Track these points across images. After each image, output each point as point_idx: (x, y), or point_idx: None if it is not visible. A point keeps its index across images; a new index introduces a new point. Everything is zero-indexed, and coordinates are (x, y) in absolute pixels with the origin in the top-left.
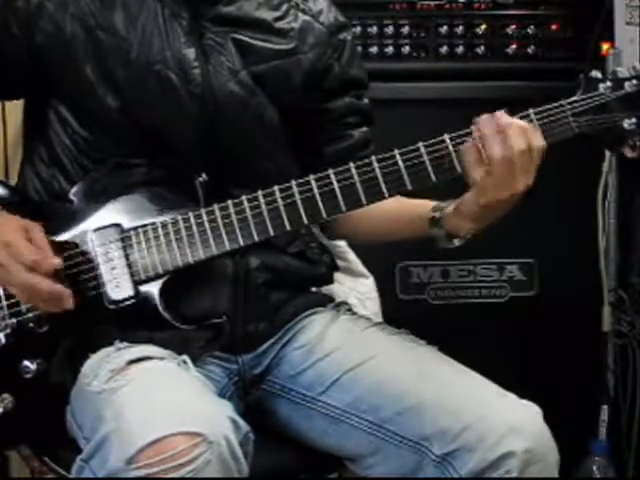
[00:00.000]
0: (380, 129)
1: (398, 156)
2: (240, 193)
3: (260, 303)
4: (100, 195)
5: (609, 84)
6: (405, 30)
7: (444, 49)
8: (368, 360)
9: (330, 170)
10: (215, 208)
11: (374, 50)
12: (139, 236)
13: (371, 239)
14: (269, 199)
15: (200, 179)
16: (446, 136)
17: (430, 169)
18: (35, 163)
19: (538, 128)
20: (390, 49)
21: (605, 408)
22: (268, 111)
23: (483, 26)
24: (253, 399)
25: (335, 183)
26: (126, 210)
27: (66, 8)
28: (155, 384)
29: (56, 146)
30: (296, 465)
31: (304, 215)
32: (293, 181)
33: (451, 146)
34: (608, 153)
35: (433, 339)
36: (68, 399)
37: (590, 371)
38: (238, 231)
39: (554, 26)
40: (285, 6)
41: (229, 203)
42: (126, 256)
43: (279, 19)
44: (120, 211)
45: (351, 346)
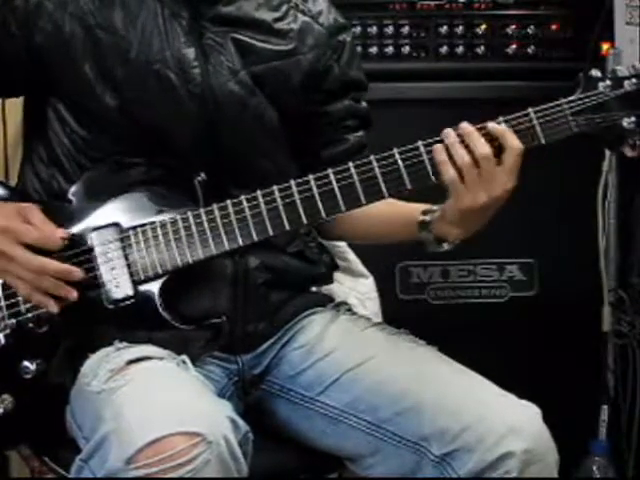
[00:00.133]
0: (380, 129)
1: (397, 155)
2: (239, 193)
3: (259, 303)
4: (99, 195)
5: (608, 83)
6: (405, 30)
7: (444, 49)
8: (367, 360)
9: (329, 170)
10: (214, 208)
11: (374, 50)
12: (138, 236)
13: (365, 241)
14: (268, 199)
15: (199, 179)
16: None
17: (429, 168)
18: (34, 163)
19: (537, 128)
20: (390, 49)
21: (605, 408)
22: (267, 111)
23: (483, 26)
24: (252, 399)
25: (334, 183)
26: (125, 209)
27: (65, 7)
28: (154, 384)
29: (55, 146)
30: (296, 465)
31: (303, 215)
32: (292, 181)
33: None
34: (608, 152)
35: (433, 339)
36: (68, 399)
37: (590, 371)
38: (237, 231)
39: (554, 26)
40: (285, 7)
41: (228, 203)
42: (125, 256)
43: (279, 20)
44: (119, 210)
45: (350, 346)
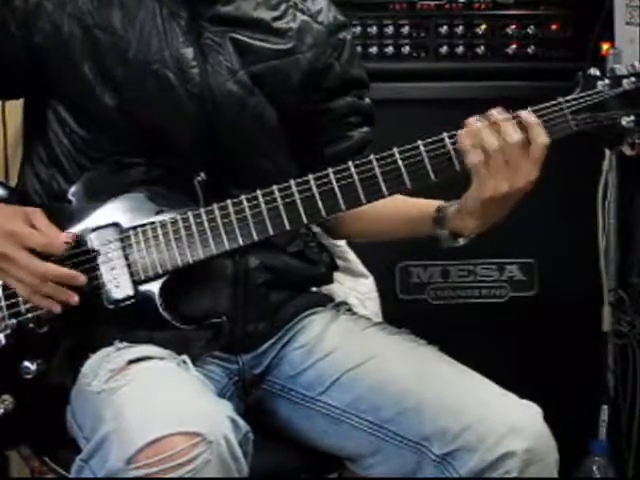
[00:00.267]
0: (380, 129)
1: (397, 155)
2: (239, 193)
3: (260, 303)
4: (99, 195)
5: (607, 82)
6: (405, 30)
7: (444, 49)
8: (368, 360)
9: (329, 169)
10: (214, 208)
11: (374, 50)
12: (138, 236)
13: (375, 238)
14: (268, 198)
15: (199, 178)
16: (445, 134)
17: (429, 167)
18: (34, 163)
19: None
20: (390, 49)
21: (605, 408)
22: (267, 111)
23: (483, 26)
24: (253, 399)
25: (334, 182)
26: (125, 209)
27: (64, 7)
28: (155, 384)
29: (55, 146)
30: (296, 465)
31: (304, 214)
32: (292, 180)
33: (450, 145)
34: (608, 152)
35: (433, 339)
36: (68, 399)
37: (590, 371)
38: (237, 231)
39: (554, 26)
40: (283, 6)
41: (228, 203)
42: (125, 256)
43: (277, 19)
44: (119, 211)
45: (351, 346)
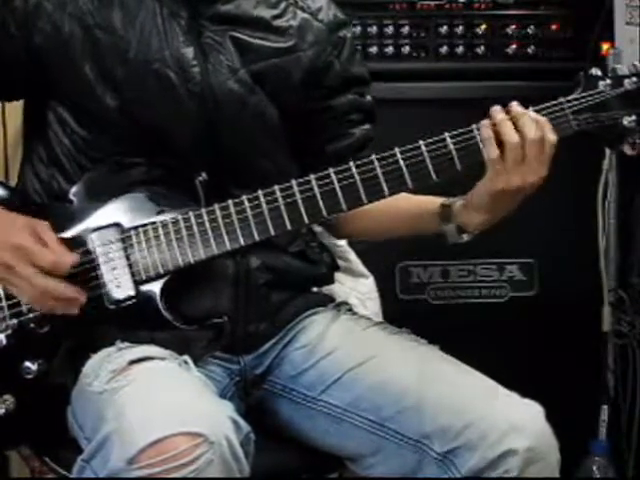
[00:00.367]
0: (380, 129)
1: (399, 154)
2: (240, 193)
3: (261, 303)
4: (100, 195)
5: (609, 82)
6: (405, 30)
7: (444, 49)
8: (369, 359)
9: (330, 169)
10: (216, 208)
11: (374, 50)
12: (139, 236)
13: (378, 236)
14: (270, 198)
15: (200, 178)
16: (446, 134)
17: (431, 167)
18: (34, 164)
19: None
20: (390, 49)
21: (605, 408)
22: (268, 109)
23: (483, 26)
24: (254, 399)
25: (336, 182)
26: (126, 209)
27: (64, 7)
28: (156, 384)
29: (55, 146)
30: (297, 465)
31: (305, 214)
32: (293, 180)
33: (452, 145)
34: (608, 151)
35: (433, 339)
36: (69, 399)
37: (590, 371)
38: (239, 231)
39: (554, 26)
40: (283, 4)
41: (230, 203)
42: (127, 256)
43: (277, 17)
44: (120, 211)
45: (352, 345)
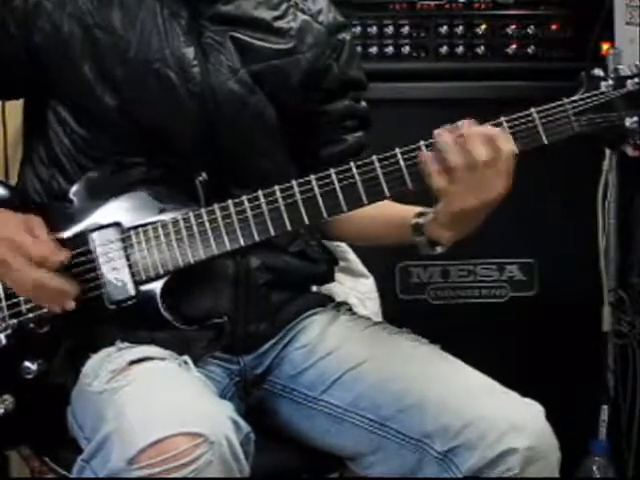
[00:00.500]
0: (380, 129)
1: (399, 155)
2: (240, 193)
3: (261, 303)
4: (100, 194)
5: (611, 82)
6: (405, 30)
7: (444, 49)
8: (369, 359)
9: (331, 170)
10: (216, 208)
11: (374, 50)
12: (139, 236)
13: (361, 243)
14: (270, 199)
15: (200, 178)
16: None
17: None
18: (35, 164)
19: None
20: (390, 49)
21: (605, 408)
22: (267, 110)
23: (483, 26)
24: (254, 399)
25: (336, 183)
26: (126, 209)
27: (64, 7)
28: (156, 384)
29: (55, 146)
30: (297, 465)
31: (305, 215)
32: (294, 181)
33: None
34: (608, 152)
35: (433, 339)
36: (69, 399)
37: (590, 371)
38: (239, 231)
39: (554, 26)
40: (284, 5)
41: (230, 203)
42: (127, 256)
43: (278, 18)
44: (120, 210)
45: (352, 345)
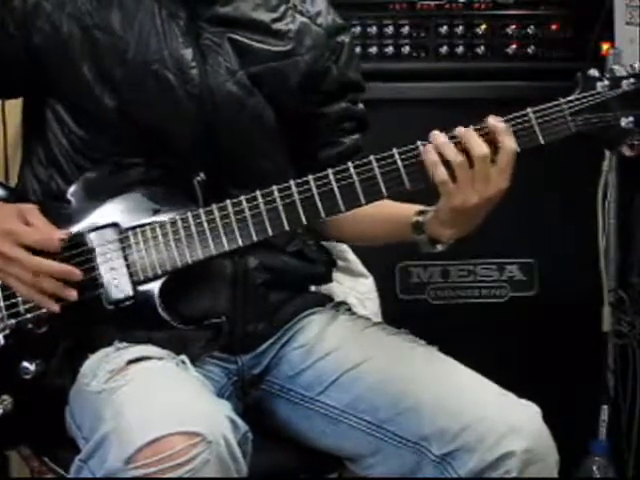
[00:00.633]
0: (380, 129)
1: (397, 155)
2: (239, 193)
3: (259, 303)
4: (98, 195)
5: (607, 83)
6: (405, 30)
7: (444, 49)
8: (367, 360)
9: (329, 170)
10: (214, 208)
11: (374, 50)
12: (137, 236)
13: (360, 242)
14: (268, 199)
15: (198, 179)
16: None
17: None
18: (33, 164)
19: (536, 128)
20: (390, 49)
21: (605, 408)
22: (266, 111)
23: (483, 26)
24: (252, 399)
25: (334, 183)
26: (124, 210)
27: (63, 8)
28: (154, 384)
29: (53, 147)
30: (295, 465)
31: (303, 215)
32: (292, 181)
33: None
34: (608, 152)
35: (433, 339)
36: (67, 399)
37: (590, 371)
38: (237, 231)
39: (554, 26)
40: (283, 7)
41: (228, 203)
42: (125, 256)
43: (276, 20)
44: (118, 211)
45: (350, 346)
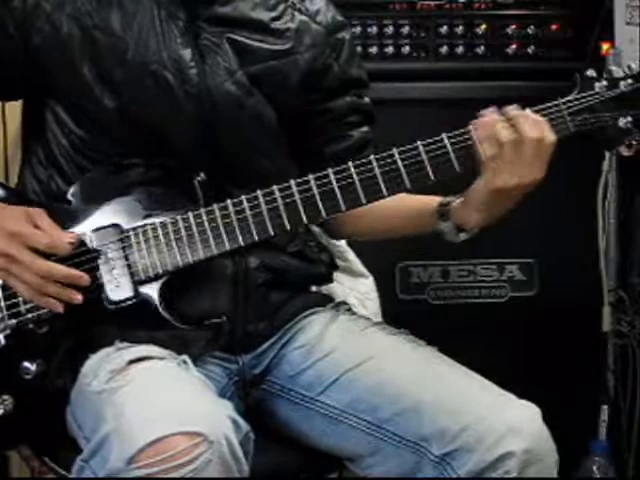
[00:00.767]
0: (380, 129)
1: (397, 155)
2: (239, 193)
3: (260, 303)
4: (98, 195)
5: (604, 83)
6: (405, 30)
7: (444, 49)
8: (367, 360)
9: (329, 169)
10: (215, 208)
11: (374, 50)
12: (138, 236)
13: (377, 236)
14: (269, 199)
15: (199, 179)
16: (444, 135)
17: (429, 168)
18: (33, 165)
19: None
20: (390, 49)
21: (605, 408)
22: (265, 111)
23: (483, 26)
24: (253, 399)
25: (334, 182)
26: (125, 210)
27: (63, 8)
28: (155, 384)
29: (53, 147)
30: (296, 465)
31: (304, 215)
32: (292, 181)
33: (449, 145)
34: (607, 152)
35: (433, 339)
36: (68, 399)
37: (590, 371)
38: (238, 231)
39: (554, 26)
40: (282, 6)
41: (229, 203)
42: (125, 256)
43: (275, 19)
44: (119, 211)
45: (350, 346)
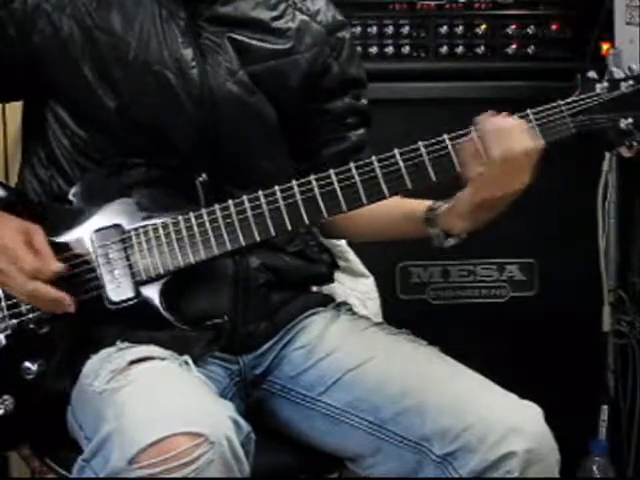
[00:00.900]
0: (380, 129)
1: (398, 156)
2: (240, 193)
3: (261, 303)
4: (99, 196)
5: (605, 84)
6: (405, 30)
7: (444, 49)
8: (368, 360)
9: (331, 170)
10: (216, 208)
11: (374, 50)
12: (140, 237)
13: (368, 238)
14: (270, 199)
15: (200, 179)
16: (445, 136)
17: (430, 168)
18: (34, 165)
19: (535, 129)
20: (390, 49)
21: (605, 408)
22: (266, 110)
23: (483, 26)
24: (254, 399)
25: (336, 183)
26: (126, 211)
27: (63, 9)
28: (157, 384)
29: (54, 147)
30: (297, 465)
31: (305, 215)
32: (294, 181)
33: (450, 145)
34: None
35: (433, 339)
36: (69, 400)
37: (590, 371)
38: (239, 231)
39: (554, 26)
40: (283, 5)
41: (230, 203)
42: (127, 257)
43: (276, 19)
44: (120, 212)
45: (351, 346)
